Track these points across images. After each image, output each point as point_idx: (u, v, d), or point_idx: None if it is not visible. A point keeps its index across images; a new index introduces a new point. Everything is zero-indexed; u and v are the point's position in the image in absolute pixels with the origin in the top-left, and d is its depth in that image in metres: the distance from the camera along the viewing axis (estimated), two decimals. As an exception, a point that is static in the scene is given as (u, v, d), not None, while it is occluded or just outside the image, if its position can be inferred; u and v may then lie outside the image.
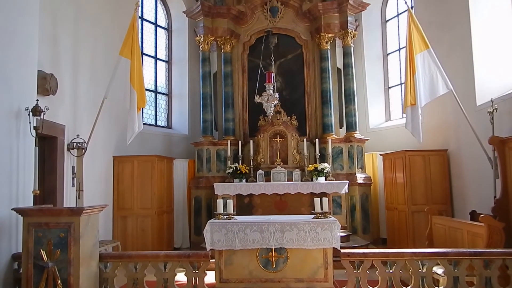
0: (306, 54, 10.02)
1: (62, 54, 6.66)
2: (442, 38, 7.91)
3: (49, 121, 5.72)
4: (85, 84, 7.34)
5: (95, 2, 7.83)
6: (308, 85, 9.93)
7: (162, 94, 10.74)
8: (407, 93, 6.98)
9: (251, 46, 10.11)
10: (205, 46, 9.87)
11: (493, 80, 6.95)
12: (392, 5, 10.42)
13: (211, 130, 9.84)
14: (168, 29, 10.98)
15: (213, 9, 9.78)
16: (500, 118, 6.13)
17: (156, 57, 10.57)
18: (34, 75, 4.95)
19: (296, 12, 9.97)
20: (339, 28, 9.69)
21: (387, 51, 10.49)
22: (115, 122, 8.18)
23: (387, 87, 10.45)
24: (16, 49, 4.52)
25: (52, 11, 6.33)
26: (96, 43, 7.79)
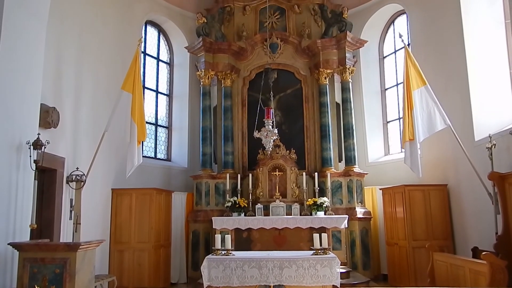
0: (305, 89, 10.16)
1: (65, 88, 6.76)
2: (438, 74, 8.06)
3: (49, 154, 5.73)
4: (87, 117, 7.41)
5: (99, 38, 8.01)
6: (307, 119, 10.02)
7: (162, 127, 10.81)
8: (405, 128, 7.04)
9: (251, 81, 10.26)
10: (205, 80, 10.02)
11: (491, 116, 7.03)
12: (389, 42, 10.66)
13: (210, 163, 9.85)
14: (170, 63, 11.18)
15: (214, 45, 9.99)
16: (498, 153, 6.16)
17: (157, 91, 10.71)
18: (36, 109, 5.01)
19: (296, 48, 10.18)
20: (338, 64, 9.88)
21: (385, 86, 10.64)
22: (115, 155, 8.20)
23: (386, 122, 10.54)
24: (21, 84, 4.59)
25: (57, 46, 6.48)
26: (99, 77, 7.92)
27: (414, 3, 9.30)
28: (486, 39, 7.21)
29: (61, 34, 6.62)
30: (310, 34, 10.20)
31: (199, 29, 10.10)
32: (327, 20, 10.28)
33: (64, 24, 6.72)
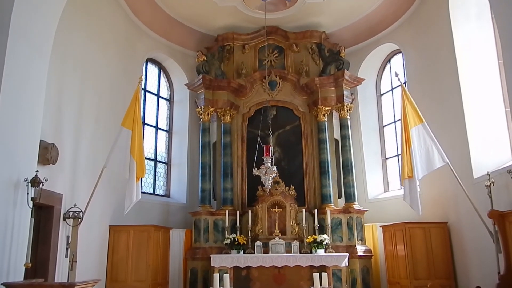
0: (304, 125, 10.24)
1: (65, 124, 6.82)
2: (435, 112, 8.15)
3: (47, 190, 5.71)
4: (86, 153, 7.43)
5: (101, 75, 8.15)
6: (306, 156, 10.04)
7: (162, 163, 10.82)
8: (404, 165, 7.07)
9: (251, 117, 10.36)
10: (205, 117, 10.12)
11: (488, 154, 7.07)
12: (386, 79, 10.84)
13: (209, 199, 9.80)
14: (170, 100, 11.32)
15: (214, 82, 10.15)
16: (497, 191, 6.15)
17: (157, 127, 10.79)
18: (36, 146, 5.03)
19: (294, 86, 10.34)
20: (336, 101, 10.01)
21: (383, 123, 10.73)
22: (113, 192, 8.16)
23: (385, 158, 10.56)
24: (21, 120, 4.63)
25: (59, 82, 6.57)
26: (99, 113, 8.00)
27: (409, 43, 9.53)
28: (481, 78, 7.35)
29: (63, 71, 6.74)
30: (308, 72, 10.39)
31: (199, 67, 10.30)
32: (325, 59, 10.51)
33: (66, 60, 6.86)
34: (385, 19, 9.94)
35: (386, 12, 9.78)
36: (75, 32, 7.16)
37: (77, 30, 7.25)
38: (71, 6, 5.72)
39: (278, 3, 9.86)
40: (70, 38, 6.93)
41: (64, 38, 6.43)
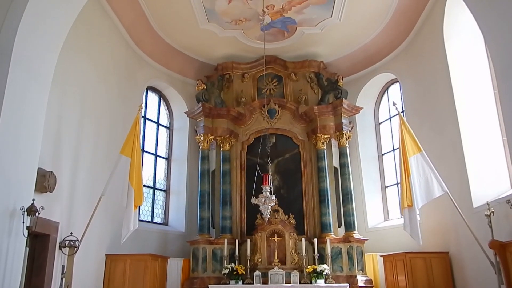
0: (303, 153, 10.26)
1: (64, 152, 6.82)
2: (433, 141, 8.18)
3: (43, 219, 5.66)
4: (84, 181, 7.40)
5: (101, 103, 8.22)
6: (305, 184, 10.02)
7: (160, 190, 10.77)
8: (403, 194, 7.05)
9: (250, 145, 10.39)
10: (204, 144, 10.15)
11: (487, 182, 7.05)
12: (384, 108, 10.92)
13: (207, 228, 9.70)
14: (170, 127, 11.38)
15: (214, 110, 10.23)
16: (498, 221, 6.09)
17: (156, 154, 10.80)
18: (33, 174, 5.02)
19: (293, 114, 10.41)
20: (335, 129, 10.06)
21: (381, 151, 10.75)
22: (111, 220, 8.09)
23: (384, 187, 10.52)
24: (19, 148, 4.64)
25: (58, 109, 6.61)
26: (99, 141, 8.02)
27: (406, 73, 9.66)
28: (478, 108, 7.41)
29: (63, 99, 6.79)
30: (307, 100, 10.49)
31: (199, 95, 10.40)
32: (323, 88, 10.63)
33: (67, 88, 6.92)
34: (382, 49, 10.11)
35: (382, 42, 9.96)
36: (77, 60, 7.27)
37: (79, 59, 7.36)
38: (73, 34, 5.82)
39: (277, 34, 10.05)
40: (72, 66, 7.02)
41: (65, 66, 6.51)
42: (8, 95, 3.83)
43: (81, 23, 6.53)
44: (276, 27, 9.78)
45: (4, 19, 3.80)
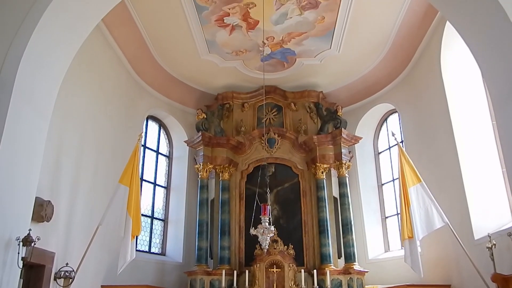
0: (303, 183, 10.22)
1: (63, 181, 6.80)
2: (433, 171, 8.16)
3: (39, 249, 5.57)
4: (81, 210, 7.34)
5: (101, 132, 8.24)
6: (305, 214, 9.93)
7: (159, 219, 10.67)
8: (404, 226, 6.98)
9: (249, 174, 10.36)
10: (204, 173, 10.12)
11: (488, 214, 6.99)
12: (383, 138, 10.96)
13: (205, 258, 9.56)
14: (169, 156, 11.38)
15: (213, 139, 10.26)
16: (499, 253, 6.01)
17: (155, 183, 10.76)
18: (31, 204, 4.98)
19: (293, 144, 10.44)
20: (334, 159, 10.06)
21: (381, 181, 10.71)
22: (108, 250, 7.97)
23: (384, 217, 10.43)
24: (17, 178, 4.62)
25: (58, 139, 6.63)
26: (98, 170, 8.00)
27: (405, 103, 9.75)
28: (476, 139, 7.43)
29: (63, 127, 6.81)
30: (306, 130, 10.54)
31: (198, 124, 10.46)
32: (323, 117, 10.70)
33: (67, 117, 6.94)
34: (380, 80, 10.23)
35: (381, 73, 10.09)
36: (78, 90, 7.34)
37: (80, 88, 7.43)
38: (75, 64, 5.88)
39: (276, 64, 10.21)
40: (73, 96, 7.08)
41: (66, 96, 6.56)
42: (8, 126, 3.84)
43: (83, 53, 6.63)
44: (276, 58, 9.95)
45: (7, 51, 3.86)
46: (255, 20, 8.57)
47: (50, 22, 4.10)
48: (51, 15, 4.08)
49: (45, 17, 4.02)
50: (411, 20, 8.45)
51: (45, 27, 4.06)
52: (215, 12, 8.35)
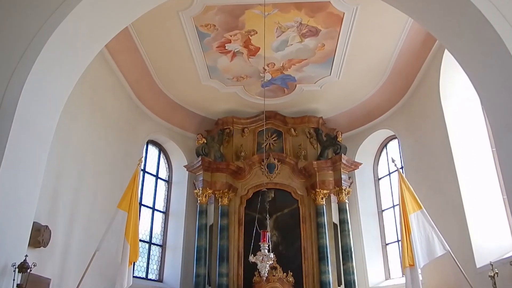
0: (302, 209, 10.15)
1: (61, 206, 6.75)
2: (433, 198, 8.12)
3: (34, 275, 5.46)
4: (79, 235, 7.26)
5: (101, 156, 8.23)
6: (304, 240, 9.82)
7: (156, 245, 10.54)
8: (404, 253, 6.90)
9: (248, 200, 10.29)
10: (203, 198, 10.07)
11: (490, 241, 6.93)
12: (383, 164, 10.95)
13: (203, 285, 9.40)
14: (168, 181, 11.33)
15: (213, 164, 10.24)
16: (502, 282, 5.91)
17: (154, 208, 10.67)
18: (28, 229, 4.92)
19: (292, 169, 10.42)
20: (334, 185, 10.03)
21: (381, 207, 10.64)
22: (104, 276, 7.81)
23: (385, 244, 10.32)
24: (15, 204, 4.58)
25: (57, 164, 6.60)
26: (96, 195, 7.95)
27: (404, 130, 9.78)
28: (477, 166, 7.43)
29: (63, 152, 6.80)
30: (306, 155, 10.54)
31: (198, 149, 10.46)
32: (323, 143, 10.72)
33: (67, 142, 6.95)
34: (380, 106, 10.30)
35: (380, 100, 10.17)
36: (79, 115, 7.37)
37: (81, 113, 7.46)
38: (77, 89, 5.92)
39: (276, 90, 10.30)
40: (73, 121, 7.10)
41: (67, 121, 6.58)
42: (8, 152, 3.84)
43: (85, 78, 6.67)
44: (276, 84, 10.05)
45: (10, 78, 3.90)
46: (256, 47, 8.69)
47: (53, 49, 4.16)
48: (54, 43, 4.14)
49: (48, 45, 4.07)
50: (409, 47, 8.58)
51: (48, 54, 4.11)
52: (217, 39, 8.48)
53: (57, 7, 4.22)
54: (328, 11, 7.67)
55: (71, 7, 4.29)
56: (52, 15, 4.20)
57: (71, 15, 4.28)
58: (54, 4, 4.23)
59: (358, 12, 7.63)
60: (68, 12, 4.27)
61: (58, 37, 4.19)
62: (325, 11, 7.68)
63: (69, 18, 4.29)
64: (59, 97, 4.56)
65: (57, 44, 4.20)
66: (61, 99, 4.59)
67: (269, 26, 7.91)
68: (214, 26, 8.08)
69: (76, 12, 4.33)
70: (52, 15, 4.20)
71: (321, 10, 7.66)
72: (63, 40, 4.28)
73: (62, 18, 4.24)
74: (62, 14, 4.20)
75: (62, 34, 4.21)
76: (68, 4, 4.28)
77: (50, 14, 4.16)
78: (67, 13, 4.27)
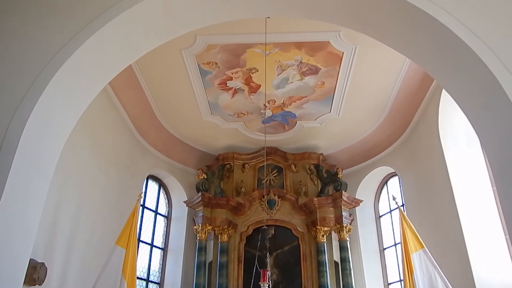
0: (303, 246, 10.00)
1: (58, 242, 6.66)
2: (435, 236, 8.01)
3: (28, 315, 5.36)
4: (75, 273, 7.12)
5: (100, 192, 8.19)
6: (305, 278, 9.62)
7: (154, 283, 10.32)
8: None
9: (248, 236, 10.17)
10: (202, 235, 9.95)
11: (493, 279, 6.80)
12: (384, 201, 10.88)
13: (202, 325, 9.15)
14: (168, 217, 11.24)
15: (213, 200, 10.19)
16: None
17: (152, 244, 10.52)
18: (24, 267, 4.82)
19: (293, 205, 10.35)
20: (335, 222, 9.93)
21: (383, 245, 10.49)
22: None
23: (387, 283, 10.09)
24: (12, 240, 4.51)
25: (56, 199, 6.56)
26: (94, 231, 7.86)
27: (404, 167, 9.78)
28: (478, 204, 7.39)
29: (62, 187, 6.75)
30: (306, 192, 10.50)
31: (199, 185, 10.43)
32: (323, 179, 10.70)
33: (67, 177, 6.90)
34: (380, 143, 10.35)
35: (380, 137, 10.23)
36: (80, 149, 7.38)
37: (82, 147, 7.48)
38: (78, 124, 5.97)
39: (277, 126, 10.38)
40: (74, 155, 7.09)
41: (67, 155, 6.52)
42: (8, 187, 3.82)
43: (87, 112, 6.69)
44: (276, 120, 10.14)
45: (14, 114, 3.94)
46: (257, 84, 8.83)
47: (58, 86, 4.22)
48: (59, 80, 4.20)
49: (53, 82, 4.14)
50: (408, 86, 8.71)
51: (53, 91, 4.17)
52: (219, 76, 8.63)
53: (63, 45, 4.32)
54: (328, 50, 7.84)
55: (77, 45, 4.38)
56: (58, 53, 4.29)
57: (77, 53, 4.37)
58: (61, 43, 4.33)
59: (357, 52, 7.80)
60: (74, 50, 4.35)
61: (63, 74, 4.26)
62: (325, 50, 7.86)
63: (75, 56, 4.37)
64: (62, 133, 4.60)
65: (61, 81, 4.27)
66: (64, 135, 4.63)
67: (270, 64, 8.09)
68: (216, 64, 8.25)
69: (82, 50, 4.41)
70: (58, 53, 4.29)
71: (320, 49, 7.84)
72: (68, 78, 4.35)
73: (68, 56, 4.32)
74: (68, 52, 4.29)
75: (67, 72, 4.28)
76: (74, 42, 4.38)
77: (56, 52, 4.25)
78: (73, 51, 4.35)
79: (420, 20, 4.49)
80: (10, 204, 4.18)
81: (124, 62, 5.32)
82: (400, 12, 4.62)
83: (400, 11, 4.60)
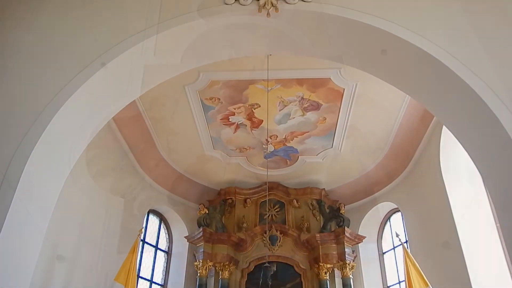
0: (305, 283, 9.80)
1: (55, 280, 6.55)
2: (439, 273, 7.84)
3: None
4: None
5: (100, 227, 8.12)
6: (308, 318, 9.38)
7: (153, 321, 10.07)
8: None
9: (250, 273, 9.99)
10: (203, 271, 9.77)
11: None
12: (387, 237, 10.71)
13: None
14: (168, 252, 11.07)
15: (214, 235, 10.07)
16: None
17: (152, 281, 10.32)
18: (20, 304, 4.74)
19: (295, 241, 10.21)
20: (337, 258, 9.76)
21: (387, 283, 10.24)
22: None
23: (392, 324, 9.82)
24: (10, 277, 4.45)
25: (55, 235, 6.48)
26: (93, 266, 7.75)
27: (407, 203, 9.70)
28: (482, 240, 7.27)
29: (61, 223, 6.67)
30: (309, 227, 10.39)
31: (200, 219, 10.34)
32: (325, 215, 10.60)
33: (66, 212, 6.84)
34: (382, 179, 10.31)
35: (382, 172, 10.20)
36: (80, 184, 7.38)
37: (83, 182, 7.48)
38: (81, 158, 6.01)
39: (279, 161, 10.40)
40: (75, 190, 7.08)
41: (68, 190, 6.52)
42: (7, 225, 3.80)
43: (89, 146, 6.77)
44: (278, 155, 10.18)
45: (15, 151, 3.97)
46: (259, 120, 8.92)
47: (61, 123, 4.27)
48: (62, 117, 4.26)
49: (56, 119, 4.19)
50: (409, 122, 8.76)
51: (55, 128, 4.22)
52: (221, 112, 8.73)
53: (67, 82, 4.40)
54: (329, 87, 7.96)
55: (82, 82, 4.47)
56: (61, 90, 4.36)
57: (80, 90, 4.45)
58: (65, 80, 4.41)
59: (358, 88, 7.91)
60: (77, 88, 4.44)
61: (66, 110, 4.32)
62: (326, 86, 7.98)
63: (79, 93, 4.44)
64: (63, 169, 4.61)
65: (64, 117, 4.32)
66: (65, 171, 4.64)
67: (272, 100, 8.19)
68: (219, 99, 8.37)
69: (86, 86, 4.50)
70: (61, 90, 4.36)
71: (322, 86, 7.96)
72: (71, 114, 4.41)
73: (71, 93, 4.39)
74: (71, 90, 4.37)
75: (69, 109, 4.35)
76: (79, 79, 4.46)
77: (60, 89, 4.33)
78: (76, 89, 4.43)
79: (420, 59, 4.59)
80: (8, 241, 4.14)
81: (128, 98, 5.40)
82: (400, 52, 4.72)
83: (400, 50, 4.71)
